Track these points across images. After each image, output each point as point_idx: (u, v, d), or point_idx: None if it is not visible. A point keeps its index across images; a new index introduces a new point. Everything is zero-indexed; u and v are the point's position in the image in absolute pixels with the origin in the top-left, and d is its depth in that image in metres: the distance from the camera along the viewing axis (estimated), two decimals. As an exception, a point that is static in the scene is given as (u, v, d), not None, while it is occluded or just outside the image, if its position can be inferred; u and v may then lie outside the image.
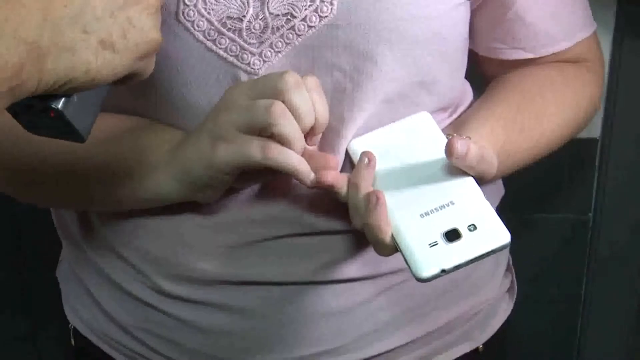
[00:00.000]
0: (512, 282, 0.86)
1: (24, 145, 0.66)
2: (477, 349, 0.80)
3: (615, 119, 1.05)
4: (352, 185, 0.62)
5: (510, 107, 0.73)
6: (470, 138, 0.65)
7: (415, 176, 0.63)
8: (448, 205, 0.60)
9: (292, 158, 0.60)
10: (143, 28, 0.49)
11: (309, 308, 0.69)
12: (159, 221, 0.69)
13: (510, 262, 0.87)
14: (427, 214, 0.60)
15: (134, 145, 0.67)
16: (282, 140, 0.59)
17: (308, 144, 0.62)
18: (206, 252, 0.68)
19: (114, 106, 0.68)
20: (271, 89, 0.59)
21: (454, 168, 0.61)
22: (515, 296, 0.86)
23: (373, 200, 0.59)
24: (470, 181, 0.61)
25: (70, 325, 0.83)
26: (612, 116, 1.04)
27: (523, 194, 0.86)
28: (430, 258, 0.57)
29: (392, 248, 0.60)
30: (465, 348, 0.79)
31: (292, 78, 0.59)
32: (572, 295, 1.16)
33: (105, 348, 0.79)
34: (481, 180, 0.63)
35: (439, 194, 0.61)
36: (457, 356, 0.78)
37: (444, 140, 0.63)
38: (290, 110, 0.59)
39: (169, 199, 0.67)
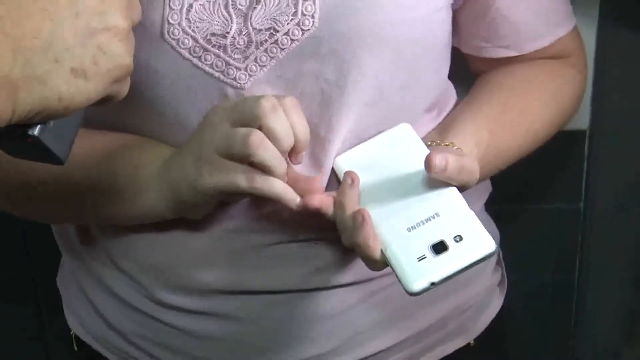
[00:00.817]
0: (502, 275, 0.87)
1: (19, 166, 0.68)
2: (469, 344, 0.81)
3: (603, 110, 1.06)
4: (338, 204, 0.63)
5: (495, 106, 0.74)
6: (453, 144, 0.67)
7: (399, 189, 0.64)
8: (433, 217, 0.61)
9: (276, 186, 0.61)
10: (114, 54, 0.49)
11: (303, 313, 0.71)
12: (156, 233, 0.70)
13: (501, 256, 0.88)
14: (413, 227, 0.61)
15: (126, 164, 0.68)
16: (263, 168, 0.60)
17: (293, 163, 0.63)
18: (202, 262, 0.70)
19: (105, 123, 0.69)
20: (248, 114, 0.60)
21: (436, 180, 0.62)
22: (505, 289, 0.87)
23: (359, 219, 0.61)
24: (453, 191, 0.62)
25: (71, 332, 0.84)
26: (599, 107, 1.05)
27: (514, 184, 0.87)
28: (419, 272, 0.58)
29: (383, 263, 0.61)
30: (458, 343, 0.80)
31: (267, 103, 0.60)
32: (564, 284, 1.16)
33: (105, 353, 0.80)
34: (465, 188, 0.64)
35: (424, 206, 0.62)
36: (451, 352, 0.80)
37: (426, 151, 0.64)
38: (268, 135, 0.60)
39: (161, 217, 0.68)
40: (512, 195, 1.06)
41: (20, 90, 0.45)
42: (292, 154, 0.63)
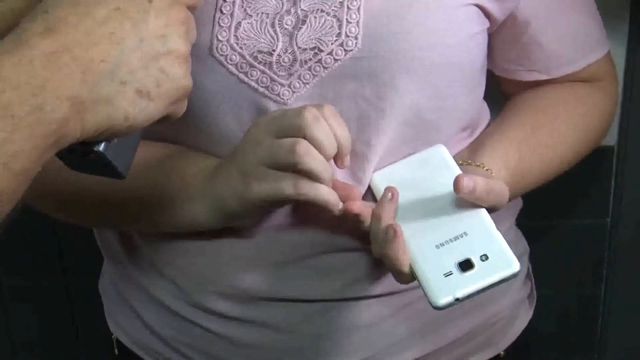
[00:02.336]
0: (531, 288, 0.88)
1: (69, 176, 0.70)
2: (498, 355, 0.83)
3: (631, 127, 1.07)
4: (375, 216, 0.65)
5: (524, 129, 0.75)
6: (483, 165, 0.68)
7: (431, 207, 0.66)
8: (462, 236, 0.64)
9: (322, 191, 0.63)
10: (175, 76, 0.51)
11: (339, 323, 0.73)
12: (200, 241, 0.72)
13: (530, 270, 0.89)
14: (442, 244, 0.63)
15: (171, 175, 0.70)
16: (310, 176, 0.62)
17: (339, 167, 0.65)
18: (245, 270, 0.72)
19: (152, 133, 0.71)
20: (292, 125, 0.62)
21: (466, 200, 0.65)
22: (535, 302, 0.88)
23: (391, 233, 0.63)
24: (482, 212, 0.65)
25: (112, 335, 0.86)
26: (627, 124, 1.06)
27: (542, 200, 0.89)
28: (445, 287, 0.61)
29: (410, 276, 0.63)
30: (487, 355, 0.82)
31: (310, 113, 0.62)
32: (591, 299, 1.17)
33: (146, 357, 0.82)
34: (494, 210, 0.66)
35: (453, 225, 0.64)
36: (480, 363, 0.81)
37: (458, 172, 0.66)
38: (312, 144, 0.62)
39: (206, 227, 0.70)
40: (541, 210, 1.07)
41: (88, 110, 0.47)
42: (337, 158, 0.64)
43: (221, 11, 0.66)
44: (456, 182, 0.63)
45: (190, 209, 0.69)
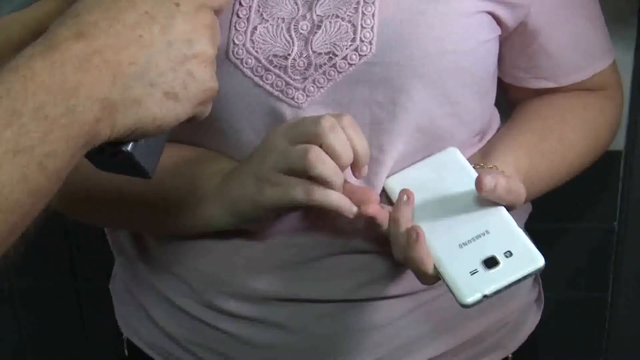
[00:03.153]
0: (539, 292, 0.89)
1: (90, 175, 0.71)
2: (507, 358, 0.83)
3: (638, 132, 1.07)
4: (393, 220, 0.66)
5: (533, 135, 0.76)
6: (497, 167, 0.69)
7: (450, 208, 0.67)
8: (484, 234, 0.64)
9: (333, 197, 0.64)
10: (202, 78, 0.52)
11: (351, 323, 0.73)
12: (213, 242, 0.73)
13: (538, 274, 0.90)
14: (465, 244, 0.64)
15: (187, 176, 0.71)
16: (321, 181, 0.63)
17: (356, 177, 0.66)
18: (258, 271, 0.73)
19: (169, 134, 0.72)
20: (308, 133, 0.63)
21: (485, 199, 0.65)
22: (542, 305, 0.89)
23: (413, 235, 0.64)
24: (501, 210, 0.66)
25: (123, 336, 0.87)
26: (635, 129, 1.07)
27: (550, 204, 0.89)
28: (472, 285, 0.62)
29: (435, 278, 0.64)
30: (496, 357, 0.82)
31: (327, 122, 0.62)
32: (598, 302, 1.18)
33: (157, 358, 0.83)
34: (511, 208, 0.67)
35: (474, 224, 0.65)
36: (488, 365, 0.82)
37: (473, 173, 0.67)
38: (327, 152, 0.62)
39: (220, 228, 0.71)
40: (548, 215, 1.07)
41: (118, 111, 0.48)
42: (354, 168, 0.65)
43: (238, 15, 0.67)
44: (478, 181, 0.63)
45: (204, 210, 0.70)
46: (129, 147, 0.52)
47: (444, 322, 0.77)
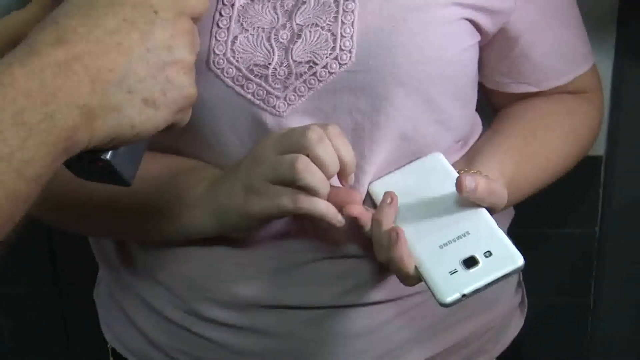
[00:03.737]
0: (522, 297, 0.90)
1: (72, 184, 0.71)
2: (492, 362, 0.84)
3: (619, 137, 1.08)
4: (375, 221, 0.66)
5: (517, 139, 0.77)
6: (480, 172, 0.70)
7: (432, 211, 0.67)
8: (464, 235, 0.65)
9: (320, 205, 0.64)
10: (181, 85, 0.52)
11: (336, 329, 0.74)
12: (196, 248, 0.73)
13: (521, 278, 0.90)
14: (445, 244, 0.65)
15: (173, 183, 0.71)
16: (308, 191, 0.64)
17: (343, 185, 0.67)
18: (243, 277, 0.73)
19: (154, 143, 0.72)
20: (296, 144, 0.64)
21: (467, 201, 0.66)
22: (526, 310, 0.90)
23: (394, 236, 0.64)
24: (483, 212, 0.66)
25: (108, 344, 0.87)
26: (615, 135, 1.08)
27: (532, 210, 0.90)
28: (451, 285, 0.62)
29: (417, 278, 0.65)
30: (479, 362, 0.83)
31: (314, 134, 0.63)
32: (580, 306, 1.19)
33: (142, 366, 0.83)
34: (494, 211, 0.67)
35: (455, 226, 0.66)
36: (473, 370, 0.82)
37: (455, 176, 0.67)
38: (315, 163, 0.63)
39: (204, 235, 0.71)
40: (530, 220, 1.08)
41: (97, 118, 0.48)
42: (341, 177, 0.66)
43: (218, 25, 0.67)
44: (458, 182, 0.64)
45: (189, 216, 0.70)
46: (108, 155, 0.52)
47: (429, 327, 0.77)
